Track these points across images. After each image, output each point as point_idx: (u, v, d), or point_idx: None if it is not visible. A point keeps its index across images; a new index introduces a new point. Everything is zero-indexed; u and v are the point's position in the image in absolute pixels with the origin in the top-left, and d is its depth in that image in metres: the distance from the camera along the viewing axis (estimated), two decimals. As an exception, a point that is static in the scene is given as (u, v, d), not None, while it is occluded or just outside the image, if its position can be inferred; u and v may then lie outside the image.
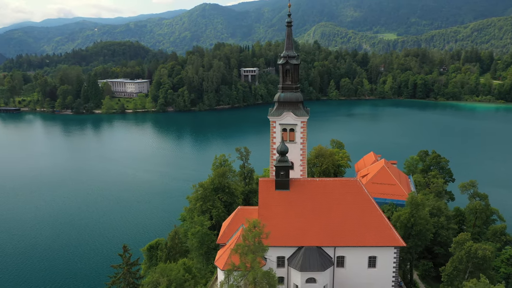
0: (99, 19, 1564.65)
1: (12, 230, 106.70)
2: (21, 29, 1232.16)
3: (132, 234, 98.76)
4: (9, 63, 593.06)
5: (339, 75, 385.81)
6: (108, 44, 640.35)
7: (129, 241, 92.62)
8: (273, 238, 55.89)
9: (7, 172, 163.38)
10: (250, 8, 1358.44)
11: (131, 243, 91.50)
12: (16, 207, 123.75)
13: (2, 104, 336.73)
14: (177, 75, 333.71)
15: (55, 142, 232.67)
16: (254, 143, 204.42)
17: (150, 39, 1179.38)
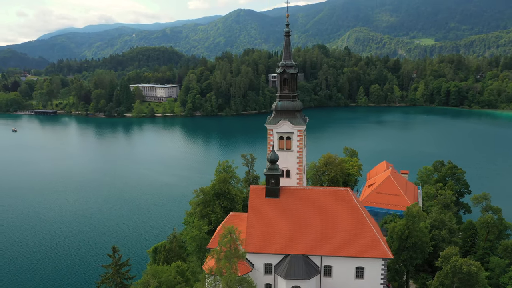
0: (138, 25, 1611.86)
1: (37, 227, 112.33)
2: (64, 35, 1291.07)
3: (142, 235, 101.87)
4: (50, 67, 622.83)
5: (369, 81, 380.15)
6: (143, 50, 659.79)
7: (137, 242, 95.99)
8: (261, 245, 56.97)
9: (36, 172, 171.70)
10: (285, 13, 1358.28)
11: (139, 244, 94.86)
12: (39, 206, 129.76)
13: (40, 107, 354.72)
14: (205, 80, 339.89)
15: (85, 144, 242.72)
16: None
17: (185, 45, 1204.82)
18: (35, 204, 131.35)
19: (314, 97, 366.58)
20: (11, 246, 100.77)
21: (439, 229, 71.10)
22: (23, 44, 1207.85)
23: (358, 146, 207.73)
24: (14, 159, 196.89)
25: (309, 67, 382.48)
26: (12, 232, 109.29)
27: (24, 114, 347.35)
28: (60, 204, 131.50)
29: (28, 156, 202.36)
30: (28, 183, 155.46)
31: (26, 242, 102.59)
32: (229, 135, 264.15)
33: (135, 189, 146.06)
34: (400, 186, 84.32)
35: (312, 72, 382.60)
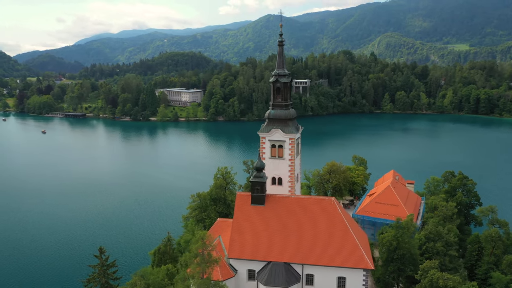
0: (170, 30, 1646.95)
1: (49, 227, 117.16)
2: (99, 40, 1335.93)
3: (146, 237, 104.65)
4: (84, 71, 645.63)
5: (395, 88, 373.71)
6: (172, 55, 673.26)
7: (139, 244, 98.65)
8: (244, 251, 57.99)
9: (53, 173, 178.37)
10: (314, 18, 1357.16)
11: (140, 246, 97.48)
12: (52, 205, 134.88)
13: (70, 110, 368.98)
14: (229, 85, 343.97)
15: (107, 146, 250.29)
16: None
17: (215, 50, 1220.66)
18: (47, 203, 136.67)
19: (338, 104, 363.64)
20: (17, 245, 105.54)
21: (434, 241, 69.80)
22: (60, 49, 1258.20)
23: (376, 154, 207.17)
24: (38, 160, 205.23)
25: (334, 73, 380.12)
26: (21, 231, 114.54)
27: (55, 117, 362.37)
28: (70, 204, 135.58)
29: (51, 158, 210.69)
30: (43, 183, 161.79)
31: (37, 241, 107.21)
32: (249, 140, 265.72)
33: (148, 191, 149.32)
34: (400, 197, 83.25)
35: (336, 78, 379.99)
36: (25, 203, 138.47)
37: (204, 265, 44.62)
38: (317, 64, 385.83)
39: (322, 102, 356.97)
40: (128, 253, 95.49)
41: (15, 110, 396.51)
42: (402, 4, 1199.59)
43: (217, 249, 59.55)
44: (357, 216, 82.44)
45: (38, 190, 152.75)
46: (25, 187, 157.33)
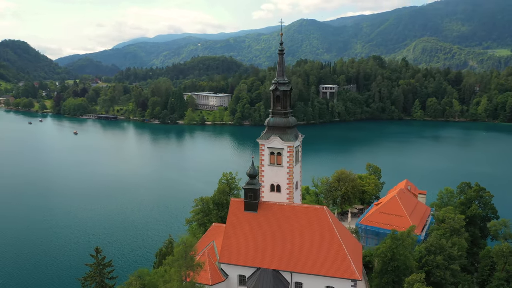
0: (204, 34, 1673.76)
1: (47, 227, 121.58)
2: (136, 44, 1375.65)
3: (150, 238, 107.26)
4: (119, 75, 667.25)
5: (426, 94, 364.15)
6: (204, 59, 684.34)
7: (144, 244, 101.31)
8: (234, 256, 59.01)
9: (77, 174, 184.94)
10: (348, 23, 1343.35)
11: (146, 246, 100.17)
12: (69, 205, 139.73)
13: (103, 112, 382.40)
14: (256, 90, 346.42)
15: (132, 148, 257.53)
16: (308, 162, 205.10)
17: (247, 54, 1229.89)
18: (63, 203, 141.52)
19: (366, 109, 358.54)
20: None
21: (435, 254, 68.35)
22: (99, 53, 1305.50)
23: (399, 162, 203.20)
24: (64, 160, 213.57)
25: (362, 79, 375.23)
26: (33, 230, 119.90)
27: (88, 118, 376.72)
28: (81, 204, 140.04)
29: (77, 158, 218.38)
30: (63, 183, 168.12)
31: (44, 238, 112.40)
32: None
33: (160, 193, 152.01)
34: (406, 207, 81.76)
35: (365, 83, 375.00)
36: (42, 201, 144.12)
37: (186, 268, 45.94)
38: (345, 69, 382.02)
39: (350, 108, 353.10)
40: (130, 254, 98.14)
41: (52, 112, 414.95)
42: (439, 8, 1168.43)
43: (209, 254, 61.06)
44: (361, 225, 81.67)
45: (56, 189, 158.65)
46: (44, 186, 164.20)
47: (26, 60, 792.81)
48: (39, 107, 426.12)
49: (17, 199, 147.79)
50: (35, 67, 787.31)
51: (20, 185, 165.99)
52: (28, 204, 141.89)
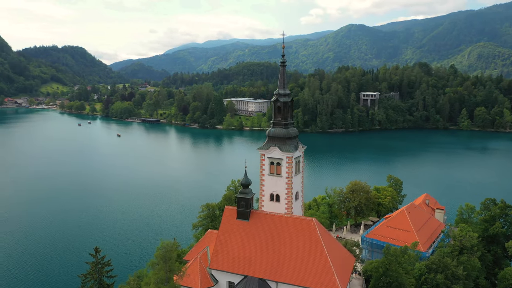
0: (252, 40, 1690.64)
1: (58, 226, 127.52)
2: (186, 50, 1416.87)
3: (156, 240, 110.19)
4: (167, 79, 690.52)
5: (474, 103, 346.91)
6: (248, 64, 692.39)
7: (149, 246, 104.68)
8: (224, 263, 60.56)
9: (107, 174, 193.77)
10: (399, 28, 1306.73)
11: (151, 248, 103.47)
12: (89, 207, 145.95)
13: (147, 116, 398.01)
14: (294, 96, 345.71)
15: (166, 151, 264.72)
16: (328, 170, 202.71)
17: (294, 60, 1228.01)
18: (83, 202, 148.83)
19: (409, 118, 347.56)
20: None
21: (435, 272, 66.24)
22: (151, 58, 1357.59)
23: (434, 173, 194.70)
24: (100, 162, 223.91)
25: (406, 86, 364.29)
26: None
27: (133, 121, 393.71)
28: (100, 204, 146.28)
29: (111, 160, 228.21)
30: (93, 183, 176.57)
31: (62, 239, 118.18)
32: (308, 152, 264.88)
33: (181, 197, 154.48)
34: (414, 222, 79.52)
35: (409, 91, 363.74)
36: (64, 199, 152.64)
37: (164, 272, 48.12)
38: (388, 76, 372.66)
39: (391, 116, 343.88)
40: (135, 255, 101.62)
41: (101, 114, 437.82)
42: (499, 11, 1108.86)
43: (202, 259, 63.10)
44: (366, 239, 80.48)
45: (79, 189, 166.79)
46: (68, 185, 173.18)
47: (83, 65, 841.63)
48: (90, 110, 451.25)
49: (42, 197, 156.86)
50: (91, 72, 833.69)
51: (46, 184, 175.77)
52: (49, 202, 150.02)
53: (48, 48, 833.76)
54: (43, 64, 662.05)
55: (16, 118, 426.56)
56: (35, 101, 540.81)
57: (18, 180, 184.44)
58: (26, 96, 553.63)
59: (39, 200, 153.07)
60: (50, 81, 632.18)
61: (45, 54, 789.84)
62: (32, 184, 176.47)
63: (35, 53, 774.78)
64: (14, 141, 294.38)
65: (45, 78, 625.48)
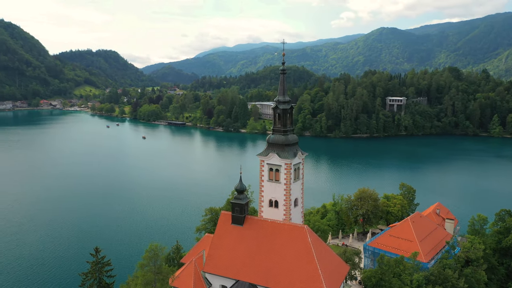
0: (281, 44, 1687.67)
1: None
2: (216, 53, 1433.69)
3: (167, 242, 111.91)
4: (195, 83, 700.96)
5: (507, 109, 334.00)
6: (275, 68, 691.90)
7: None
8: (217, 267, 61.71)
9: (124, 176, 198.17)
10: (433, 31, 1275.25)
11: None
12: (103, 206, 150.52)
13: (173, 118, 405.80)
14: (319, 101, 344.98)
15: (188, 154, 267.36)
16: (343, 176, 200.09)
17: (323, 63, 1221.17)
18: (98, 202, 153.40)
19: (437, 124, 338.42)
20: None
21: (433, 284, 65.06)
22: (181, 61, 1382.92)
23: (456, 181, 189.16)
24: (120, 163, 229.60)
25: (435, 91, 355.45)
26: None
27: (160, 124, 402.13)
28: (108, 205, 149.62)
29: (132, 162, 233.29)
30: (104, 184, 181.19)
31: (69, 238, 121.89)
32: (333, 157, 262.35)
33: (197, 199, 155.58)
34: (418, 232, 78.03)
35: (437, 96, 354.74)
36: (76, 199, 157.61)
37: (152, 273, 49.68)
38: (416, 81, 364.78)
39: (418, 122, 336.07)
40: (136, 255, 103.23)
41: (130, 117, 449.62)
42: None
43: (197, 262, 64.37)
44: (369, 247, 79.73)
45: (92, 190, 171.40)
46: (83, 185, 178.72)
47: (115, 68, 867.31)
48: (119, 112, 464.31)
49: (55, 196, 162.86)
50: (123, 75, 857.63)
51: (62, 183, 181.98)
52: (60, 200, 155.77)
53: (83, 52, 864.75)
54: (78, 68, 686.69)
55: (50, 120, 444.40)
56: (69, 103, 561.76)
57: (38, 179, 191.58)
58: (60, 98, 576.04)
59: (51, 198, 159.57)
60: (83, 84, 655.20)
61: (80, 57, 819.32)
62: (50, 183, 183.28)
63: (70, 56, 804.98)
64: (45, 142, 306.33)
65: (78, 81, 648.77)
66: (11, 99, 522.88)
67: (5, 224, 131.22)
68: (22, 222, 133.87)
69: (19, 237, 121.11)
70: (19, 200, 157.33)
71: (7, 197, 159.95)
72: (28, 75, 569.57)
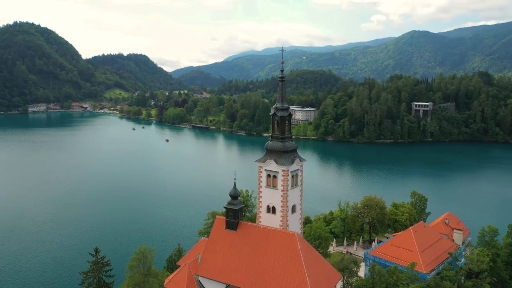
0: (310, 47, 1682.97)
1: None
2: (244, 57, 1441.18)
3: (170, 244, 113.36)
4: (222, 86, 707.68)
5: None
6: (302, 72, 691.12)
7: (162, 248, 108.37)
8: (210, 271, 62.80)
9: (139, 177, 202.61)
10: (467, 34, 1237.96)
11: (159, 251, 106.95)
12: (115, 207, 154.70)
13: (197, 122, 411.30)
14: (342, 106, 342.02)
15: (205, 158, 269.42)
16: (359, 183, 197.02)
17: (352, 67, 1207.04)
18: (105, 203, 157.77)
19: (465, 130, 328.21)
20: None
21: (430, 296, 63.90)
22: (210, 65, 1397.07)
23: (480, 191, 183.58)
24: (143, 165, 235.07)
25: (463, 97, 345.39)
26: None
27: (184, 127, 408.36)
28: (115, 207, 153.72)
29: (149, 163, 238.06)
30: (110, 186, 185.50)
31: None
32: (355, 162, 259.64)
33: (204, 202, 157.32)
34: (420, 242, 76.65)
35: (466, 102, 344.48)
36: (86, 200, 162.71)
37: (136, 275, 51.38)
38: (443, 86, 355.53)
39: (445, 128, 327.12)
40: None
41: (156, 120, 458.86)
42: None
43: (191, 266, 65.73)
44: (369, 256, 78.94)
45: (102, 191, 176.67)
46: (93, 186, 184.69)
47: (145, 72, 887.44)
48: (146, 115, 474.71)
49: (67, 195, 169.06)
50: (152, 78, 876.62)
51: (77, 184, 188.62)
52: (74, 201, 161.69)
53: (114, 56, 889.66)
54: (108, 71, 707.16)
55: (80, 122, 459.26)
56: (98, 106, 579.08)
57: (54, 179, 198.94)
58: (91, 101, 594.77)
59: (65, 197, 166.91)
60: (113, 87, 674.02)
61: (111, 61, 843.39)
62: (65, 183, 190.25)
63: (102, 60, 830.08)
64: (71, 143, 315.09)
65: (109, 84, 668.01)
66: (45, 101, 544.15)
67: (15, 222, 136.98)
68: (34, 219, 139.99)
69: (32, 234, 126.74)
70: (34, 199, 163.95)
71: (18, 197, 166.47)
72: (61, 79, 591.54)
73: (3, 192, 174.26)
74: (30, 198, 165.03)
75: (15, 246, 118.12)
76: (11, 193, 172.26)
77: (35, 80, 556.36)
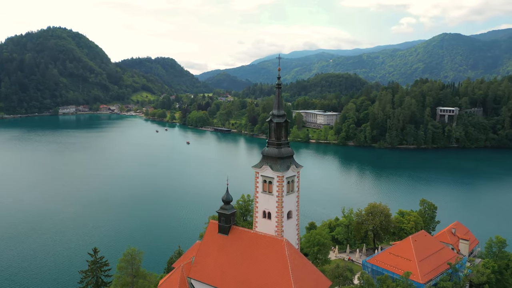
0: (338, 50, 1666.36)
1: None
2: (270, 60, 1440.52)
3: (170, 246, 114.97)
4: (246, 90, 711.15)
5: None
6: (326, 76, 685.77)
7: (160, 251, 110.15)
8: (202, 274, 64.09)
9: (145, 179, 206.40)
10: (501, 36, 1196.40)
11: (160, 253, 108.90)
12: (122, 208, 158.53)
13: (219, 125, 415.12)
14: (364, 110, 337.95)
15: (220, 161, 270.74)
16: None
17: (380, 71, 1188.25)
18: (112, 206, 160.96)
19: (492, 136, 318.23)
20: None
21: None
22: (237, 68, 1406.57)
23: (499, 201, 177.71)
24: (159, 167, 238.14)
25: (491, 102, 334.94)
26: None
27: (207, 130, 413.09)
28: (122, 210, 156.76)
29: (173, 165, 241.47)
30: (118, 187, 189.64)
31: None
32: (376, 167, 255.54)
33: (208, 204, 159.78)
34: (419, 251, 75.30)
35: (494, 107, 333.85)
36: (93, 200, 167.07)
37: (124, 276, 53.12)
38: (471, 90, 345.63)
39: (471, 134, 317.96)
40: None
41: (179, 122, 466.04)
42: None
43: (185, 268, 67.15)
44: (367, 264, 78.29)
45: (109, 192, 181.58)
46: (102, 187, 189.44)
47: (172, 75, 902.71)
48: (170, 118, 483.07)
49: (74, 197, 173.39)
50: (179, 81, 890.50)
51: (93, 184, 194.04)
52: (77, 203, 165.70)
53: (143, 59, 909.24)
54: (136, 74, 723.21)
55: (107, 124, 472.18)
56: (125, 108, 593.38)
57: (69, 180, 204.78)
58: (118, 103, 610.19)
59: (76, 197, 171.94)
60: (140, 90, 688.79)
61: (139, 65, 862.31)
62: (79, 183, 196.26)
63: (131, 64, 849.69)
64: (96, 145, 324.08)
65: (136, 87, 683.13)
66: (75, 103, 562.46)
67: (15, 222, 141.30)
68: (41, 219, 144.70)
69: (36, 232, 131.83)
70: (45, 198, 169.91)
71: (18, 197, 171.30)
72: (90, 81, 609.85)
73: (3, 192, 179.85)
74: (32, 198, 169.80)
75: (16, 245, 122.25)
76: (11, 193, 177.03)
77: (65, 83, 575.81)
